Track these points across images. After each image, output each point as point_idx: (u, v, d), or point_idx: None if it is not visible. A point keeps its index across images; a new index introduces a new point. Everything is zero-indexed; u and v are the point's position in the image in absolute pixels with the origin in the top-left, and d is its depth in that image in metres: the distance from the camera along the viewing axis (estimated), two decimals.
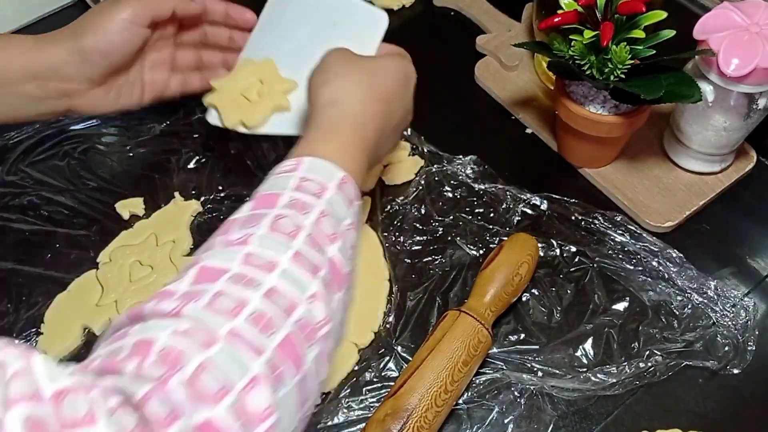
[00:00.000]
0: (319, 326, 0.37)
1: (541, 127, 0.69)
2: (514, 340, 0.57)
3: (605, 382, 0.54)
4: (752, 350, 0.55)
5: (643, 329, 0.56)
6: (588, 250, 0.60)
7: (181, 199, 0.66)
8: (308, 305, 0.36)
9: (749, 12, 0.55)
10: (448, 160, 0.67)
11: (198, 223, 0.65)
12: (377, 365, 0.56)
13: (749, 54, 0.53)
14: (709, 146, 0.61)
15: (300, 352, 0.35)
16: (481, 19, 0.79)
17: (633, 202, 0.63)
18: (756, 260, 0.60)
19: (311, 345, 0.36)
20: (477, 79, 0.74)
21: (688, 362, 0.54)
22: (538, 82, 0.72)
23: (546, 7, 0.65)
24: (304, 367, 0.35)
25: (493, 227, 0.62)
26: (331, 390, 0.55)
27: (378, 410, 0.50)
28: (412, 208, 0.64)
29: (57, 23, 0.57)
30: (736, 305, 0.57)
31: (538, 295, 0.59)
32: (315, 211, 0.40)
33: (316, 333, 0.36)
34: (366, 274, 0.60)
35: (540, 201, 0.64)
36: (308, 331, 0.36)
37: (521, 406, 0.53)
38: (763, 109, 0.57)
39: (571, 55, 0.56)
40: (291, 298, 0.36)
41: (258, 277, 0.36)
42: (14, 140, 0.70)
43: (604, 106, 0.59)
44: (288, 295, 0.36)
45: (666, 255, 0.59)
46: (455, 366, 0.51)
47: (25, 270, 0.62)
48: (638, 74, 0.56)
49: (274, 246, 0.38)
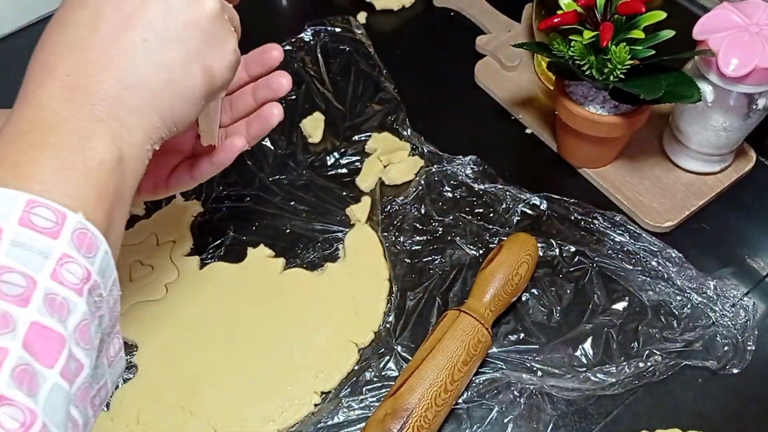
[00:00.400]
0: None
1: (541, 127, 0.69)
2: (514, 340, 0.57)
3: (605, 382, 0.54)
4: (752, 350, 0.55)
5: (642, 329, 0.56)
6: (588, 250, 0.61)
7: (181, 199, 0.66)
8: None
9: (749, 12, 0.55)
10: (448, 160, 0.67)
11: (198, 223, 0.65)
12: (377, 365, 0.56)
13: (749, 54, 0.53)
14: (708, 146, 0.61)
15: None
16: (480, 19, 0.79)
17: (632, 202, 0.63)
18: (755, 260, 0.60)
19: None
20: (477, 79, 0.74)
21: (688, 362, 0.54)
22: (538, 82, 0.72)
23: (546, 8, 0.65)
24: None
25: (492, 227, 0.63)
26: (331, 389, 0.55)
27: (378, 410, 0.50)
28: (412, 208, 0.64)
29: None
30: (735, 305, 0.57)
31: (538, 294, 0.59)
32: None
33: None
34: (366, 274, 0.60)
35: (540, 201, 0.64)
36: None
37: (521, 406, 0.53)
38: (762, 110, 0.57)
39: (570, 55, 0.56)
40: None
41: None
42: None
43: (604, 107, 0.59)
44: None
45: (665, 255, 0.59)
46: (455, 366, 0.51)
47: None
48: (638, 74, 0.56)
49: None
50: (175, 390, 0.55)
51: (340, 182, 0.67)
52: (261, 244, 0.62)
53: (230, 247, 0.63)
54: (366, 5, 0.82)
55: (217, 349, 0.56)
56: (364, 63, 0.76)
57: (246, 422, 0.53)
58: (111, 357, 0.32)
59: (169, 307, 0.59)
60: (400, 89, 0.73)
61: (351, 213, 0.64)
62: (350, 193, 0.66)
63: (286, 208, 0.65)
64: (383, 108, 0.72)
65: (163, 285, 0.60)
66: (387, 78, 0.74)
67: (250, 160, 0.69)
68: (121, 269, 0.61)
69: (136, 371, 0.56)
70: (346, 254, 0.61)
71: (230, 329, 0.57)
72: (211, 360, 0.56)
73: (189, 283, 0.60)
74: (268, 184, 0.67)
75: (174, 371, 0.56)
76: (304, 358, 0.56)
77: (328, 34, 0.78)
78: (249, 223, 0.65)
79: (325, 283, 0.60)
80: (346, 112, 0.72)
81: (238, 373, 0.55)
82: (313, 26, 0.79)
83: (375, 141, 0.69)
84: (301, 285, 0.60)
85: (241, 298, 0.59)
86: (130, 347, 0.58)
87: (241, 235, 0.64)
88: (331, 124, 0.71)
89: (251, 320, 0.58)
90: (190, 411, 0.54)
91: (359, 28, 0.79)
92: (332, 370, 0.55)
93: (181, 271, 0.61)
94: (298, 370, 0.55)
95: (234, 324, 0.58)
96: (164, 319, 0.58)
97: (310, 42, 0.78)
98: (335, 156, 0.69)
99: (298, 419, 0.53)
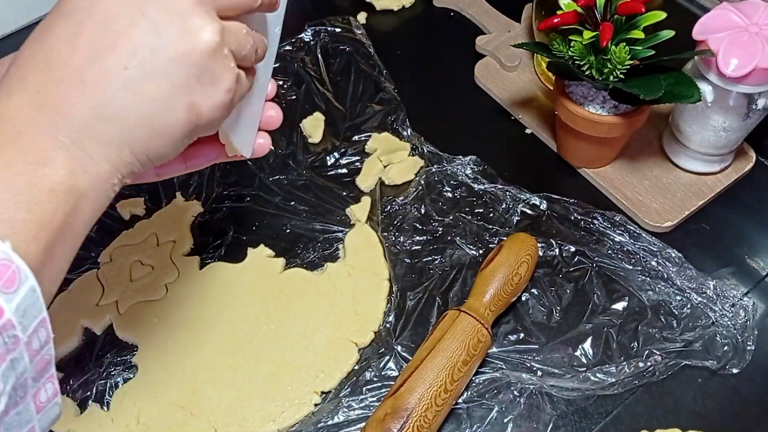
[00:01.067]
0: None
1: (541, 127, 0.69)
2: (514, 340, 0.57)
3: (604, 382, 0.54)
4: (751, 350, 0.55)
5: (642, 329, 0.56)
6: (587, 250, 0.61)
7: (182, 199, 0.66)
8: None
9: (748, 12, 0.55)
10: (448, 160, 0.67)
11: (198, 223, 0.65)
12: (377, 365, 0.56)
13: (748, 54, 0.53)
14: (708, 146, 0.61)
15: None
16: (480, 19, 0.79)
17: (632, 202, 0.63)
18: (755, 260, 0.60)
19: None
20: (477, 79, 0.74)
21: (688, 362, 0.55)
22: (538, 82, 0.72)
23: (545, 8, 0.65)
24: None
25: (492, 227, 0.63)
26: (331, 389, 0.55)
27: (378, 410, 0.50)
28: (412, 208, 0.64)
29: None
30: (735, 305, 0.57)
31: (538, 294, 0.59)
32: None
33: None
34: (366, 273, 0.60)
35: (539, 201, 0.64)
36: None
37: (521, 406, 0.53)
38: (762, 110, 0.57)
39: (570, 55, 0.56)
40: None
41: None
42: None
43: (604, 107, 0.59)
44: None
45: (665, 255, 0.59)
46: (455, 365, 0.51)
47: None
48: (637, 74, 0.56)
49: None
50: (175, 390, 0.55)
51: (340, 182, 0.67)
52: (261, 244, 0.62)
53: (230, 247, 0.63)
54: (366, 5, 0.82)
55: (217, 349, 0.56)
56: (364, 63, 0.76)
57: (246, 422, 0.53)
58: (41, 402, 0.29)
59: (169, 307, 0.59)
60: (400, 89, 0.73)
61: (351, 213, 0.64)
62: (350, 193, 0.66)
63: (286, 208, 0.65)
64: (383, 108, 0.72)
65: (163, 285, 0.60)
66: (387, 78, 0.74)
67: (250, 160, 0.69)
68: (121, 269, 0.61)
69: (136, 371, 0.56)
70: (346, 254, 0.61)
71: (230, 329, 0.57)
72: (211, 360, 0.56)
73: (189, 283, 0.60)
74: (268, 184, 0.67)
75: (174, 371, 0.56)
76: (304, 357, 0.56)
77: (328, 34, 0.78)
78: (249, 223, 0.65)
79: (325, 283, 0.60)
80: (346, 112, 0.72)
81: (238, 373, 0.55)
82: (313, 26, 0.79)
83: (375, 141, 0.69)
84: (301, 285, 0.60)
85: (241, 298, 0.59)
86: (130, 347, 0.58)
87: (241, 235, 0.64)
88: (331, 124, 0.71)
89: (251, 320, 0.58)
90: (190, 411, 0.54)
91: (359, 28, 0.79)
92: (332, 370, 0.55)
93: (181, 271, 0.61)
94: (298, 369, 0.55)
95: (234, 324, 0.58)
96: (164, 319, 0.58)
97: (310, 42, 0.78)
98: (335, 156, 0.69)
99: (298, 419, 0.53)
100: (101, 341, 0.58)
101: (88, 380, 0.56)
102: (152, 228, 0.64)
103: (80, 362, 0.57)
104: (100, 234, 0.64)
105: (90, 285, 0.60)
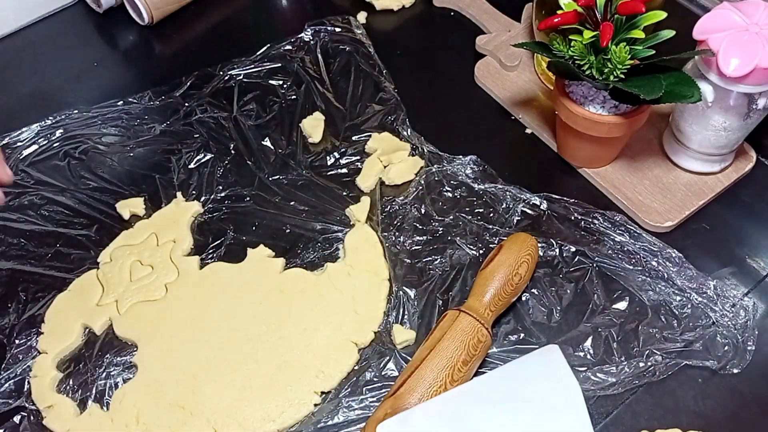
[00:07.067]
0: None
1: (541, 127, 0.69)
2: (514, 340, 0.57)
3: (605, 382, 0.54)
4: (752, 350, 0.55)
5: (642, 329, 0.56)
6: (588, 250, 0.61)
7: (182, 199, 0.66)
8: None
9: (749, 12, 0.55)
10: (448, 160, 0.67)
11: (198, 223, 0.65)
12: (377, 365, 0.56)
13: (749, 54, 0.53)
14: (708, 146, 0.61)
15: None
16: (480, 19, 0.79)
17: (632, 202, 0.63)
18: (755, 260, 0.60)
19: None
20: (477, 79, 0.74)
21: (688, 362, 0.54)
22: (538, 82, 0.72)
23: (546, 8, 0.65)
24: None
25: (492, 227, 0.63)
26: (331, 389, 0.55)
27: (378, 410, 0.50)
28: (412, 208, 0.64)
29: (57, 23, 0.56)
30: (735, 305, 0.57)
31: (538, 294, 0.59)
32: None
33: None
34: (366, 273, 0.60)
35: (540, 201, 0.64)
36: None
37: None
38: (762, 109, 0.57)
39: (570, 55, 0.56)
40: None
41: None
42: (15, 140, 0.70)
43: (604, 107, 0.59)
44: None
45: (665, 255, 0.59)
46: (455, 366, 0.51)
47: (25, 270, 0.62)
48: (638, 74, 0.56)
49: None
50: (175, 389, 0.55)
51: (340, 182, 0.67)
52: (261, 244, 0.62)
53: (230, 247, 0.63)
54: (366, 5, 0.82)
55: (217, 349, 0.56)
56: (364, 63, 0.76)
57: (246, 422, 0.53)
58: None
59: (169, 307, 0.59)
60: (400, 89, 0.73)
61: (351, 213, 0.64)
62: (350, 193, 0.66)
63: (286, 208, 0.65)
64: (383, 108, 0.72)
65: (163, 285, 0.60)
66: (387, 78, 0.74)
67: (250, 160, 0.69)
68: (121, 269, 0.61)
69: (136, 371, 0.56)
70: (346, 254, 0.61)
71: (230, 329, 0.57)
72: (211, 360, 0.56)
73: (189, 283, 0.60)
74: (268, 184, 0.67)
75: (174, 371, 0.56)
76: (304, 358, 0.56)
77: (328, 34, 0.78)
78: (249, 223, 0.65)
79: (325, 282, 0.60)
80: (346, 112, 0.72)
81: (238, 373, 0.55)
82: (313, 26, 0.79)
83: (375, 141, 0.69)
84: (301, 285, 0.60)
85: (241, 298, 0.59)
86: (130, 347, 0.58)
87: (241, 235, 0.64)
88: (331, 124, 0.71)
89: (251, 320, 0.58)
90: (190, 410, 0.54)
91: (359, 28, 0.79)
92: (332, 370, 0.55)
93: (181, 271, 0.61)
94: (298, 370, 0.55)
95: (234, 324, 0.58)
96: (164, 319, 0.58)
97: (310, 42, 0.78)
98: (335, 156, 0.69)
99: (298, 419, 0.53)
100: (101, 341, 0.58)
101: (88, 380, 0.56)
102: (152, 228, 0.64)
103: (80, 362, 0.57)
104: (100, 234, 0.64)
105: (90, 285, 0.60)
